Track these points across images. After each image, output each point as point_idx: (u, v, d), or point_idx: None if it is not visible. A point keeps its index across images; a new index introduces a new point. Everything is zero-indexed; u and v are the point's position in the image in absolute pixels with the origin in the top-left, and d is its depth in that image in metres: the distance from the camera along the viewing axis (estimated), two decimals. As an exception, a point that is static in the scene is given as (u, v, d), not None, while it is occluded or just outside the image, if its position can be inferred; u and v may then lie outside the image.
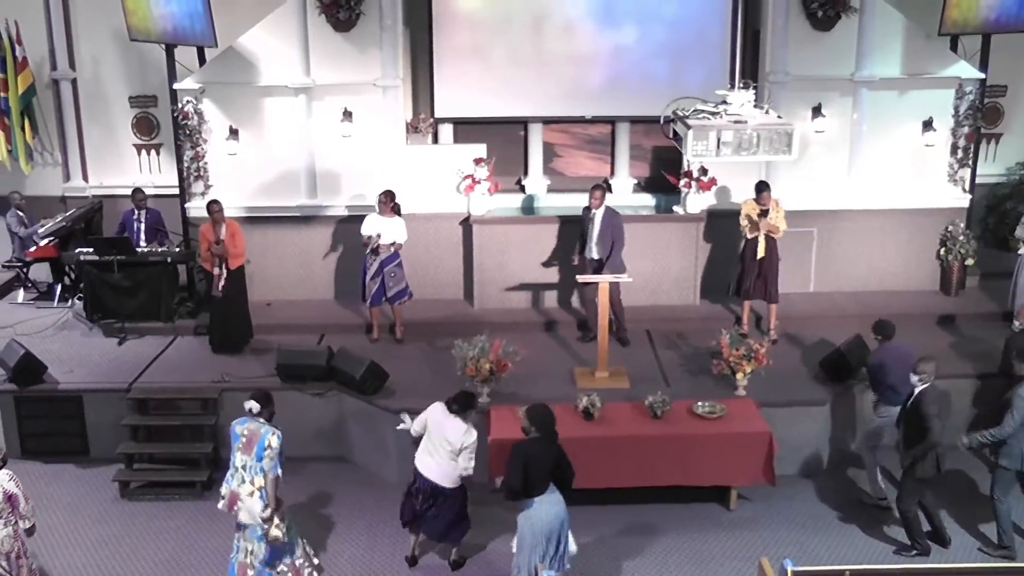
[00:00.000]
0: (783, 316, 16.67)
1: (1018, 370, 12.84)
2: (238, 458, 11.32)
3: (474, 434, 11.94)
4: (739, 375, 14.37)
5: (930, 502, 12.86)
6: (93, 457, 15.00)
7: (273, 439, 11.15)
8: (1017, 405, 12.26)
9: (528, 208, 18.30)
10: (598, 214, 15.94)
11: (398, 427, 12.49)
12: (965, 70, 17.48)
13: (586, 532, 13.09)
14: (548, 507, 11.19)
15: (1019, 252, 16.56)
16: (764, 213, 15.97)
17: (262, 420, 11.29)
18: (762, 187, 16.13)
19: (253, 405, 11.28)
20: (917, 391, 12.33)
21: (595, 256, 16.01)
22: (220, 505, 11.54)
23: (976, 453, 14.01)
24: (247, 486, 11.25)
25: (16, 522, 10.88)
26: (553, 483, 11.27)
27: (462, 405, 11.89)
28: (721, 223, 17.34)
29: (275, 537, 11.33)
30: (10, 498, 10.55)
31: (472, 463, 11.98)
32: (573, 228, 16.82)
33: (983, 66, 17.66)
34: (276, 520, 11.30)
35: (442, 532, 12.35)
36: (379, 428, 14.50)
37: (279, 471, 11.25)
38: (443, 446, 11.84)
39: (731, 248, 16.99)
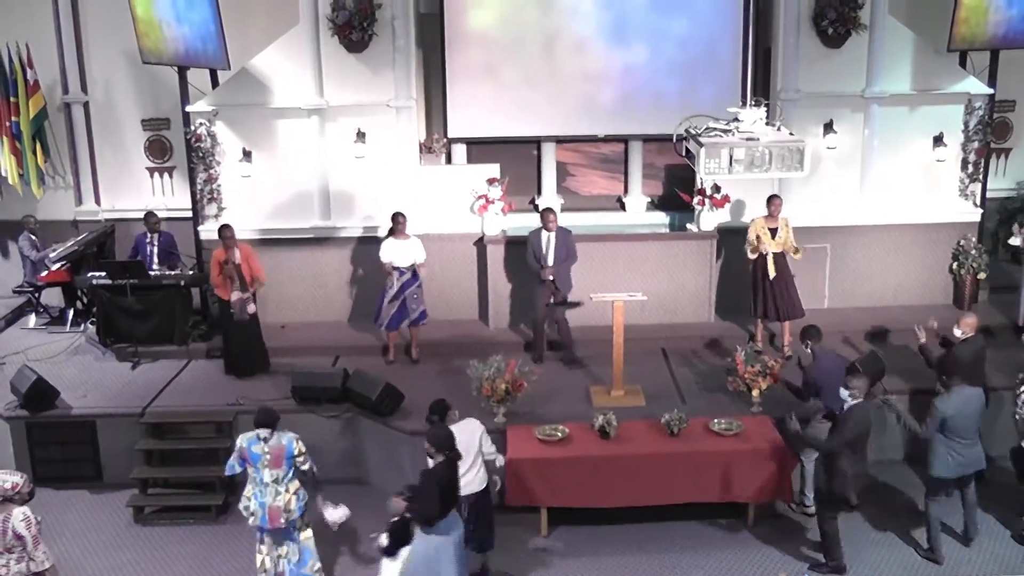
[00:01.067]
0: (797, 332, 16.65)
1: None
2: (267, 474, 11.68)
3: (474, 421, 12.16)
4: (755, 392, 14.37)
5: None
6: (106, 483, 14.96)
7: (299, 444, 11.79)
8: (932, 413, 12.49)
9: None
10: (552, 235, 16.07)
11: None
12: (974, 86, 17.53)
13: (605, 552, 13.14)
14: (446, 525, 11.18)
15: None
16: (773, 232, 15.99)
17: (275, 433, 11.77)
18: (773, 197, 16.17)
19: (263, 432, 11.74)
20: (846, 407, 12.28)
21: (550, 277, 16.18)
22: (255, 521, 11.83)
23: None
24: (284, 495, 11.76)
25: (29, 560, 10.69)
26: None
27: (440, 413, 11.91)
28: (735, 240, 17.34)
29: (335, 520, 12.11)
30: (19, 537, 10.48)
31: (492, 445, 12.24)
32: (587, 247, 16.79)
33: (992, 82, 17.72)
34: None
35: (485, 538, 12.38)
36: (395, 450, 14.50)
37: (315, 468, 12.14)
38: (470, 456, 11.88)
39: (744, 265, 17.00)
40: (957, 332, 13.89)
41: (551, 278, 16.09)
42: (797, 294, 16.37)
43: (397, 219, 16.08)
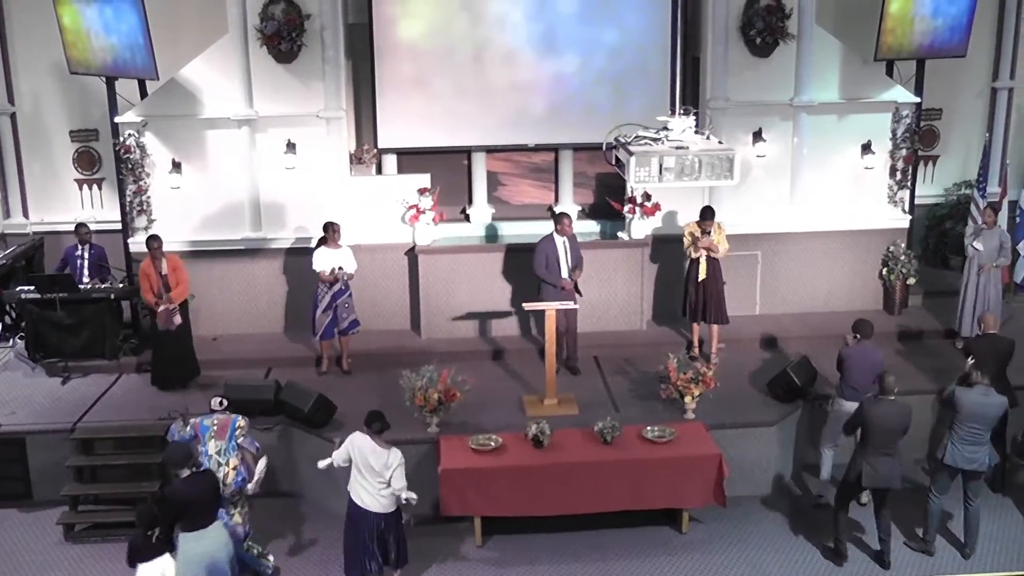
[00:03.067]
0: (729, 338, 16.79)
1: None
2: (212, 446, 12.26)
3: (396, 452, 11.99)
4: (687, 399, 14.44)
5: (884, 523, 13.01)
6: (37, 501, 14.68)
7: (242, 421, 12.54)
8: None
9: (473, 237, 18.33)
10: (567, 241, 16.05)
11: (320, 465, 12.52)
12: (901, 94, 17.76)
13: (540, 560, 13.16)
14: (212, 537, 11.37)
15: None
16: (706, 234, 16.10)
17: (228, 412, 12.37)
18: (706, 213, 16.25)
19: (222, 400, 12.61)
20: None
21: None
22: None
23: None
24: (224, 468, 12.22)
25: None
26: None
27: (379, 423, 12.00)
28: (666, 248, 17.46)
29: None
30: None
31: (404, 481, 12.02)
32: (518, 256, 16.87)
33: (918, 90, 17.96)
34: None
35: (403, 553, 12.40)
36: (329, 461, 14.43)
37: (257, 444, 12.73)
38: (371, 475, 11.89)
39: (677, 272, 17.11)
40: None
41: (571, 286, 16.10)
42: (724, 304, 16.47)
43: (329, 229, 16.03)
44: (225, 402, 12.59)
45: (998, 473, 14.26)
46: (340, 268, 16.02)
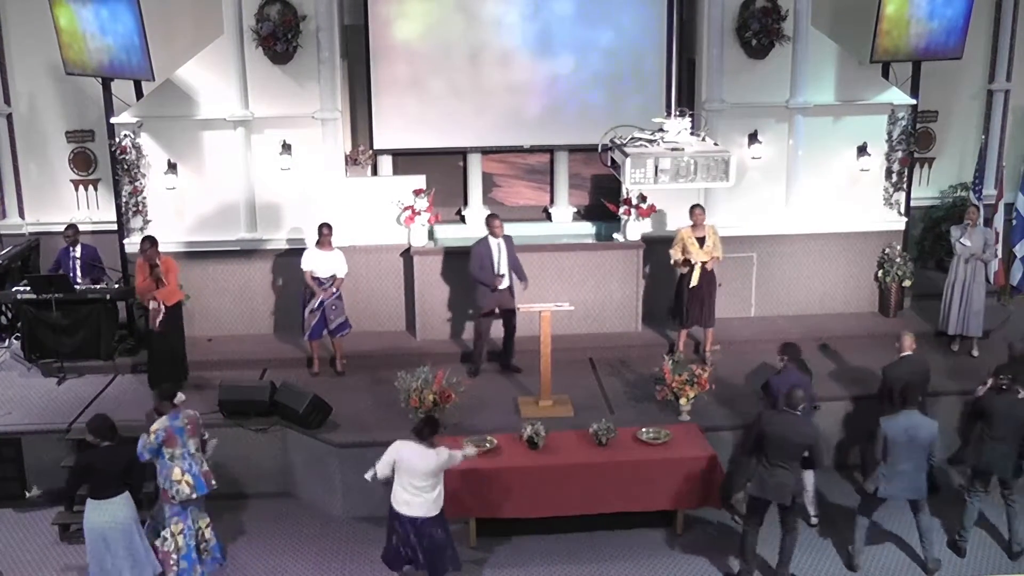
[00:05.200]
0: (725, 340, 16.79)
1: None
2: (191, 444, 12.48)
3: (444, 451, 11.84)
4: (683, 400, 14.46)
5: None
6: (32, 500, 14.74)
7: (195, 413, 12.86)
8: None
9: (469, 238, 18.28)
10: (502, 242, 16.06)
11: (367, 476, 12.28)
12: (897, 96, 17.76)
13: (535, 562, 13.15)
14: (112, 509, 11.87)
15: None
16: (701, 241, 16.10)
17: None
18: (694, 207, 16.28)
19: (181, 396, 12.83)
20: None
21: (504, 285, 16.17)
22: (194, 493, 12.38)
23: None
24: (206, 463, 12.66)
25: None
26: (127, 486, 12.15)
27: (432, 428, 11.86)
28: (661, 250, 17.42)
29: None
30: None
31: (459, 454, 12.04)
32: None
33: (914, 92, 17.95)
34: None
35: (449, 560, 12.25)
36: (323, 462, 14.43)
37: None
38: (421, 479, 11.75)
39: (672, 274, 17.08)
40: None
41: (505, 286, 16.10)
42: (712, 308, 16.47)
43: (322, 230, 16.03)
44: (183, 397, 12.81)
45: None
46: (334, 277, 16.08)
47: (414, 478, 11.70)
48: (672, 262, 16.35)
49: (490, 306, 16.15)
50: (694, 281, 16.14)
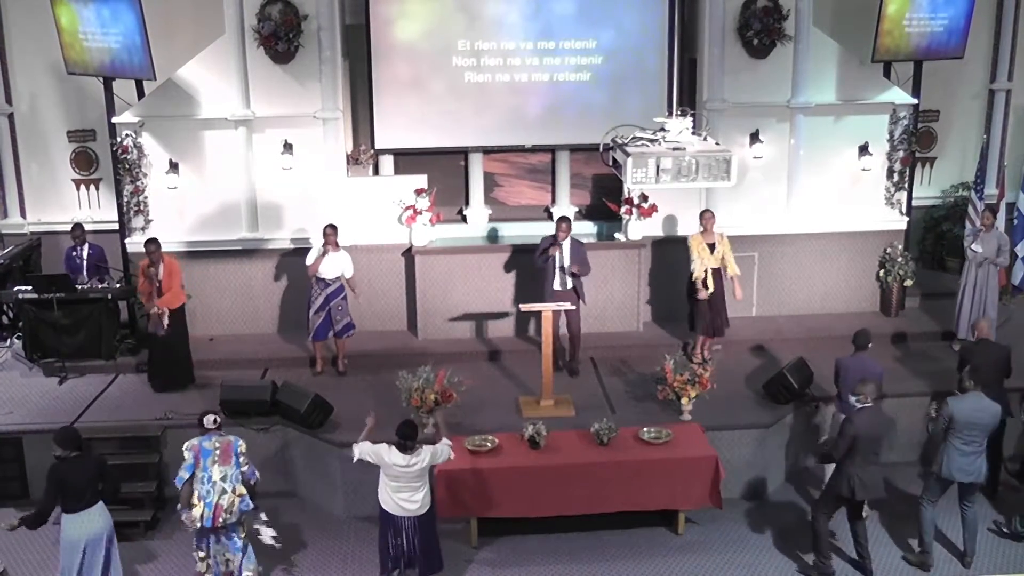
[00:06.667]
0: (726, 340, 16.77)
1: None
2: (215, 471, 11.81)
3: (426, 450, 11.84)
4: (684, 400, 14.45)
5: (860, 531, 12.91)
6: (33, 500, 14.60)
7: (242, 445, 11.99)
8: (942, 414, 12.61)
9: (470, 238, 18.33)
10: (565, 245, 16.00)
11: (353, 460, 12.27)
12: (898, 96, 17.76)
13: (536, 561, 13.15)
14: (88, 521, 11.69)
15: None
16: (712, 248, 16.09)
17: (222, 432, 12.01)
18: (704, 212, 16.33)
19: (216, 418, 12.03)
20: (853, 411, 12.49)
21: (561, 288, 16.08)
22: (197, 523, 11.82)
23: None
24: (229, 496, 11.81)
25: None
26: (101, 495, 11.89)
27: (413, 437, 11.76)
28: (663, 249, 17.48)
29: (265, 537, 12.32)
30: None
31: (441, 452, 12.04)
32: (515, 257, 17.02)
33: (916, 92, 17.98)
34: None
35: (436, 559, 12.30)
36: (325, 462, 14.43)
37: (257, 475, 12.25)
38: (415, 479, 11.78)
39: (673, 274, 17.10)
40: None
41: (564, 288, 16.07)
42: (726, 312, 16.48)
43: (327, 231, 16.00)
44: (219, 420, 12.11)
45: (992, 480, 14.22)
46: (339, 277, 16.12)
47: (408, 481, 11.75)
48: (693, 278, 16.24)
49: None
50: (710, 287, 16.13)
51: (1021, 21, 20.10)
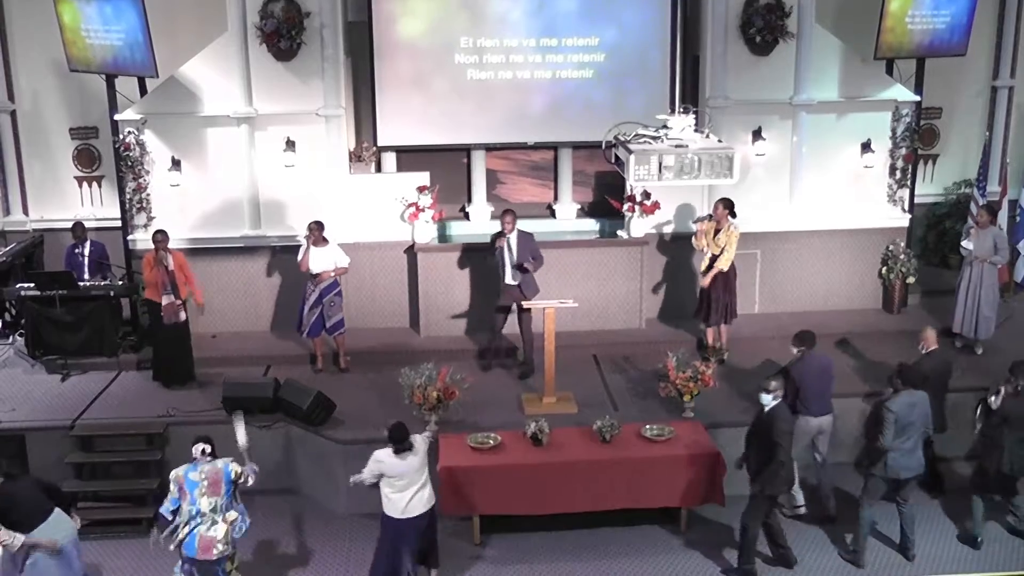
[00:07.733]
0: (728, 337, 16.76)
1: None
2: (204, 503, 11.34)
3: (418, 438, 12.04)
4: (686, 397, 14.44)
5: (775, 524, 12.96)
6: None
7: (235, 466, 11.49)
8: (887, 418, 12.52)
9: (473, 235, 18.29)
10: (512, 238, 16.01)
11: (351, 482, 12.28)
12: (901, 93, 17.75)
13: (539, 559, 13.16)
14: (49, 533, 11.37)
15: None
16: (717, 233, 16.11)
17: (211, 458, 11.51)
18: (718, 201, 16.31)
19: (206, 447, 11.52)
20: (767, 408, 12.43)
21: (513, 281, 16.11)
22: (183, 550, 11.43)
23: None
24: (221, 526, 11.39)
25: None
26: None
27: (406, 436, 11.82)
28: (665, 246, 17.47)
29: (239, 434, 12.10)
30: None
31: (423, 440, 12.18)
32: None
33: (918, 89, 17.96)
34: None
35: (436, 553, 12.44)
36: (327, 459, 14.44)
37: (256, 469, 11.86)
38: (416, 475, 11.85)
39: (676, 271, 17.13)
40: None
41: (515, 283, 16.08)
42: (734, 301, 16.52)
43: (311, 227, 15.99)
44: (209, 448, 11.52)
45: (934, 477, 14.26)
46: (335, 266, 16.12)
47: (413, 474, 11.80)
48: (725, 270, 16.30)
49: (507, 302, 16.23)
50: (707, 280, 16.20)
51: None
